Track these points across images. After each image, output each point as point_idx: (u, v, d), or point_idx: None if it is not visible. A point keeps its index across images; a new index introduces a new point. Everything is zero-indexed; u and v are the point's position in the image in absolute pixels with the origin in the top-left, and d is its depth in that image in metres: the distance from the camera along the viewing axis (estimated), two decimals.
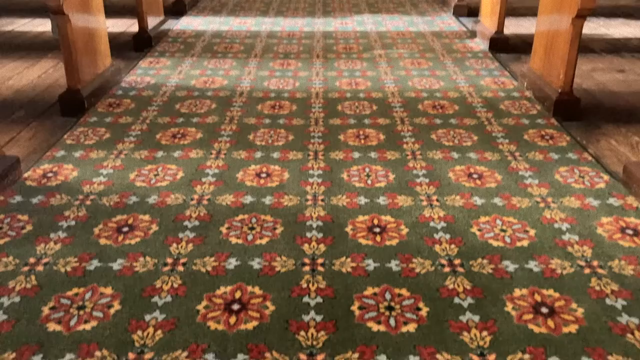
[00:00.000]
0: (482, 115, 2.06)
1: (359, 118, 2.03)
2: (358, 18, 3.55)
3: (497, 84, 2.37)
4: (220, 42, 2.99)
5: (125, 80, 2.40)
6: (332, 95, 2.26)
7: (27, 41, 3.00)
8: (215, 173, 1.63)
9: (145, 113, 2.06)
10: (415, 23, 3.42)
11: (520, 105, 2.15)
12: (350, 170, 1.65)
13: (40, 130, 1.92)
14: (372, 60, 2.71)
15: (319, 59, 2.73)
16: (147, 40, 2.84)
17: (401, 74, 2.50)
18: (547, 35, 2.15)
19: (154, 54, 2.77)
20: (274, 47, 2.93)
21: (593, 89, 2.34)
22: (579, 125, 1.98)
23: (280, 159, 1.72)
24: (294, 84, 2.39)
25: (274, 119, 2.03)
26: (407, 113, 2.08)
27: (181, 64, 2.63)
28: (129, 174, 1.63)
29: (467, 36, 3.12)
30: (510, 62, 2.69)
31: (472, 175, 1.63)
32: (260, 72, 2.54)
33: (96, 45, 2.21)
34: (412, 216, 1.42)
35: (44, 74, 2.48)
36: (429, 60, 2.70)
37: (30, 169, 1.65)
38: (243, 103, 2.17)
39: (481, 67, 2.59)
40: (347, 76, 2.49)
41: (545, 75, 2.17)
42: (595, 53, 2.83)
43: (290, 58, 2.74)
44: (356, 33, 3.19)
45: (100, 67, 2.24)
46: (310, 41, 3.04)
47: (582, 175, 1.62)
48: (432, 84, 2.38)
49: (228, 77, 2.46)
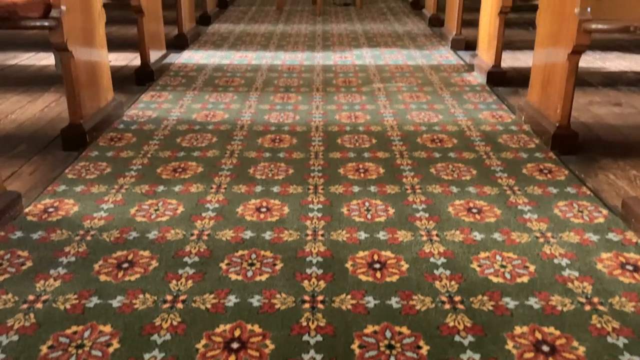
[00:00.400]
0: (481, 149, 2.07)
1: (358, 151, 2.05)
2: (357, 52, 3.60)
3: (495, 118, 2.40)
4: (221, 76, 3.03)
5: (127, 114, 2.43)
6: (331, 128, 2.28)
7: (30, 75, 3.04)
8: (216, 208, 1.64)
9: (146, 147, 2.08)
10: (413, 57, 3.47)
11: (518, 138, 2.17)
12: (350, 204, 1.66)
13: (42, 165, 1.93)
14: (371, 93, 2.74)
15: (319, 93, 2.76)
16: (149, 74, 2.87)
17: (400, 108, 2.53)
18: (544, 69, 2.18)
19: (156, 88, 2.81)
20: (274, 80, 2.97)
21: (590, 123, 2.36)
22: (577, 159, 1.99)
23: (280, 193, 1.73)
24: (294, 117, 2.41)
25: (274, 152, 2.04)
26: (406, 146, 2.09)
27: (183, 97, 2.67)
28: (130, 208, 1.63)
29: (464, 70, 3.17)
30: (508, 96, 2.72)
31: (472, 209, 1.63)
32: (260, 105, 2.57)
33: (99, 80, 2.24)
34: (412, 251, 1.42)
35: (46, 108, 2.50)
36: (427, 93, 2.73)
37: (31, 204, 1.65)
38: (244, 136, 2.19)
39: (479, 101, 2.62)
40: (347, 109, 2.51)
41: (542, 109, 2.20)
42: (592, 86, 2.87)
43: (290, 91, 2.78)
44: (355, 67, 3.24)
45: (102, 101, 2.27)
46: (310, 75, 3.08)
47: (581, 210, 1.63)
48: (431, 117, 2.41)
49: (229, 110, 2.49)
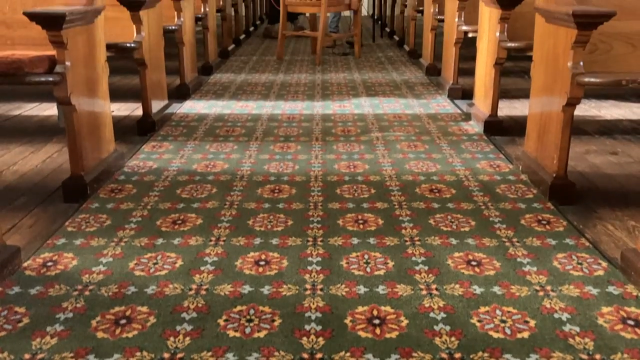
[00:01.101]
0: (479, 199, 2.09)
1: (357, 202, 2.06)
2: (355, 101, 3.66)
3: (493, 167, 2.42)
4: (222, 126, 3.07)
5: (128, 164, 2.45)
6: (330, 178, 2.30)
7: (33, 125, 3.08)
8: (214, 261, 1.64)
9: (146, 199, 2.09)
10: (411, 106, 3.52)
11: (516, 189, 2.18)
12: (349, 257, 1.66)
13: (42, 217, 1.94)
14: (369, 143, 2.78)
15: (318, 142, 2.79)
16: (150, 124, 2.91)
17: (398, 157, 2.55)
18: (540, 120, 2.22)
19: (157, 138, 2.84)
20: (274, 130, 3.00)
21: (587, 172, 2.38)
22: (575, 210, 2.00)
23: (279, 245, 1.73)
24: (294, 167, 2.43)
25: (273, 203, 2.05)
26: (405, 197, 2.11)
27: (183, 147, 2.70)
28: (129, 262, 1.63)
29: (462, 119, 3.21)
30: (506, 145, 2.75)
31: (471, 262, 1.63)
32: (260, 155, 2.59)
33: (101, 132, 2.27)
34: (412, 306, 1.41)
35: (48, 159, 2.53)
36: (425, 143, 2.77)
37: (30, 258, 1.65)
38: (243, 187, 2.21)
39: (477, 150, 2.65)
40: (346, 159, 2.54)
41: (539, 159, 2.22)
42: (588, 134, 2.90)
43: (290, 141, 2.81)
44: (354, 116, 3.29)
45: (104, 152, 2.30)
46: (310, 124, 3.12)
47: (580, 262, 1.63)
48: (429, 167, 2.43)
49: (229, 160, 2.51)
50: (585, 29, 1.86)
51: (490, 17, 2.89)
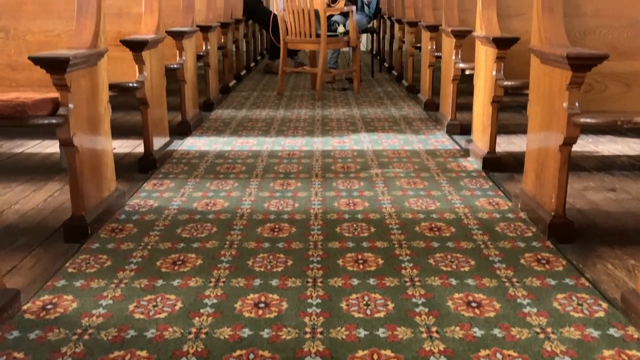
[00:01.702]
0: (479, 237, 2.09)
1: (357, 241, 2.07)
2: (355, 137, 3.69)
3: (492, 205, 2.43)
4: (222, 163, 3.10)
5: (129, 203, 2.47)
6: (330, 216, 2.31)
7: (35, 163, 3.11)
8: (214, 303, 1.63)
9: (147, 238, 2.10)
10: (409, 141, 3.55)
11: (515, 227, 2.19)
12: (349, 298, 1.66)
13: (43, 258, 1.95)
14: (369, 179, 2.79)
15: (318, 179, 2.81)
16: (152, 162, 2.94)
17: (398, 194, 2.57)
18: (537, 159, 2.24)
19: (158, 176, 2.86)
20: (274, 166, 3.03)
21: (586, 209, 2.39)
22: (575, 248, 2.00)
23: (279, 286, 1.73)
24: (294, 204, 2.45)
25: (273, 242, 2.06)
26: (405, 235, 2.11)
27: (184, 185, 2.71)
28: (128, 304, 1.63)
29: (460, 155, 3.24)
30: (504, 181, 2.77)
31: (471, 303, 1.63)
32: (260, 192, 2.61)
33: (102, 171, 2.29)
34: (412, 350, 1.40)
35: (49, 197, 2.54)
36: (425, 179, 2.78)
37: (30, 301, 1.65)
38: (243, 226, 2.21)
39: (475, 187, 2.67)
40: (345, 196, 2.55)
41: (537, 197, 2.24)
42: (586, 171, 2.92)
43: (290, 178, 2.83)
44: (353, 152, 3.31)
45: (105, 192, 2.31)
46: (310, 160, 3.14)
47: (581, 303, 1.62)
48: (428, 204, 2.44)
49: (229, 198, 2.53)
50: (580, 71, 1.90)
51: (486, 56, 2.94)
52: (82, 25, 2.16)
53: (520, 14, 3.09)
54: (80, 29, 2.15)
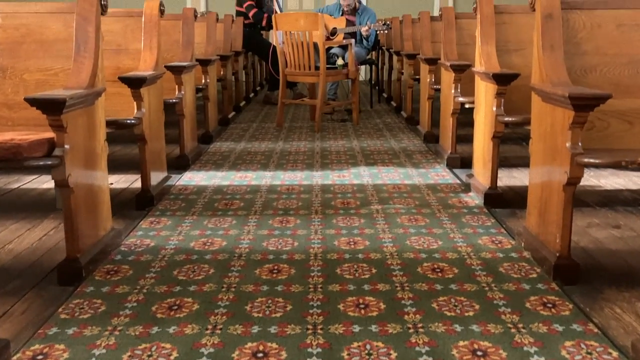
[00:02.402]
0: (482, 279, 2.04)
1: (358, 283, 2.02)
2: (355, 170, 3.66)
3: (495, 244, 2.38)
4: (220, 199, 3.06)
5: (125, 243, 2.42)
6: (330, 256, 2.27)
7: (31, 199, 3.07)
8: (210, 352, 1.58)
9: (142, 281, 2.05)
10: (410, 175, 3.52)
11: (519, 267, 2.14)
12: (350, 347, 1.60)
13: (35, 302, 1.89)
14: (369, 216, 2.75)
15: (318, 215, 2.77)
16: (149, 199, 2.90)
17: (399, 232, 2.52)
18: (540, 197, 2.21)
19: (155, 213, 2.82)
20: (273, 202, 2.99)
21: (591, 248, 2.34)
22: (581, 291, 1.95)
23: (277, 334, 1.68)
24: (293, 243, 2.40)
25: (272, 285, 2.01)
26: (407, 277, 2.06)
27: (182, 223, 2.67)
28: (122, 354, 1.57)
29: (461, 190, 3.20)
30: (506, 218, 2.73)
31: (477, 352, 1.57)
32: (259, 230, 2.56)
33: (98, 211, 2.25)
34: None
35: (45, 236, 2.50)
36: (426, 216, 2.74)
37: (20, 351, 1.59)
38: (241, 267, 2.17)
39: (477, 224, 2.63)
40: (346, 234, 2.51)
41: (541, 237, 2.19)
42: (589, 206, 2.89)
43: (289, 214, 2.79)
44: (353, 187, 3.28)
45: (101, 231, 2.27)
46: (309, 195, 3.11)
47: (590, 352, 1.57)
48: (430, 243, 2.40)
49: (227, 237, 2.48)
50: (583, 111, 1.88)
51: (486, 91, 2.93)
52: (79, 64, 2.15)
53: (519, 49, 3.09)
54: (77, 68, 2.14)
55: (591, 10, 2.22)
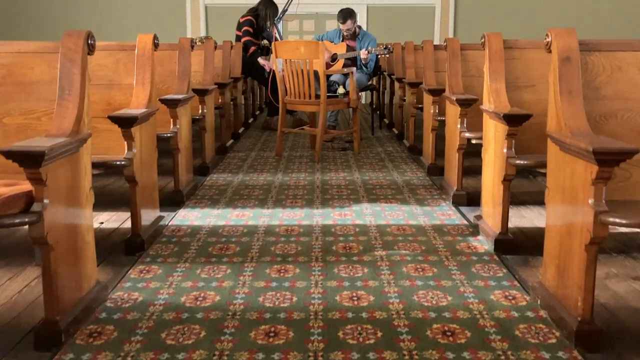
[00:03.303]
0: (498, 345, 1.88)
1: (362, 350, 1.85)
2: (357, 207, 3.50)
3: (509, 300, 2.22)
4: (215, 242, 2.89)
5: (112, 297, 2.25)
6: (332, 315, 2.10)
7: (15, 241, 2.91)
8: None
9: (127, 346, 1.88)
10: (414, 214, 3.36)
11: (537, 330, 1.97)
12: None
13: None
14: (373, 264, 2.59)
15: (318, 263, 2.61)
16: (139, 244, 2.74)
17: (405, 285, 2.36)
18: (559, 254, 2.04)
19: (146, 260, 2.65)
20: (271, 246, 2.82)
21: (611, 305, 2.18)
22: (605, 359, 1.79)
23: None
24: (292, 299, 2.24)
25: (268, 352, 1.84)
26: (415, 342, 1.89)
27: (173, 272, 2.50)
28: None
29: (469, 232, 3.04)
30: (519, 266, 2.57)
31: None
32: (255, 282, 2.40)
33: (82, 267, 2.09)
34: None
35: (25, 288, 2.33)
36: (433, 265, 2.58)
37: None
38: (235, 329, 2.00)
39: (489, 275, 2.46)
40: (348, 287, 2.34)
41: (560, 295, 2.03)
42: (605, 253, 2.72)
43: (287, 262, 2.62)
44: (355, 228, 3.12)
45: (84, 288, 2.10)
46: (309, 238, 2.94)
47: None
48: (440, 299, 2.23)
49: (221, 290, 2.32)
50: (607, 166, 1.72)
51: (496, 131, 2.78)
52: (63, 108, 2.00)
53: (530, 85, 2.95)
54: (61, 114, 1.99)
55: (612, 52, 2.09)
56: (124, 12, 9.96)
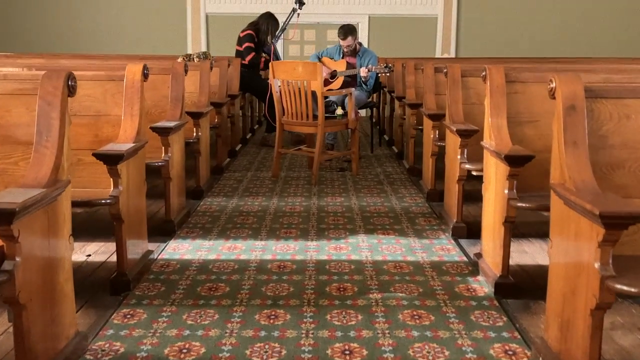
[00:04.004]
0: None
1: None
2: (353, 240, 3.39)
3: (509, 355, 2.11)
4: (205, 280, 2.79)
5: (92, 347, 2.15)
6: None
7: None
8: None
9: None
10: (412, 248, 3.25)
11: None
12: None
13: None
14: (367, 310, 2.48)
15: (310, 308, 2.50)
16: (125, 284, 2.63)
17: (400, 336, 2.25)
18: (562, 313, 1.93)
19: (131, 302, 2.54)
20: (262, 286, 2.72)
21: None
22: None
23: None
24: (280, 352, 2.13)
25: None
26: None
27: (158, 318, 2.39)
28: None
29: (469, 271, 2.93)
30: (520, 314, 2.45)
31: None
32: (243, 330, 2.29)
33: (60, 321, 1.98)
34: None
35: (2, 335, 2.23)
36: (431, 311, 2.47)
37: None
38: None
39: (488, 324, 2.35)
40: (341, 338, 2.24)
41: (563, 357, 1.92)
42: None
43: (278, 305, 2.51)
44: (351, 265, 3.01)
45: (62, 341, 2.00)
46: (302, 277, 2.83)
47: None
48: (436, 353, 2.12)
49: (207, 340, 2.21)
50: (615, 229, 1.62)
51: (497, 170, 2.68)
52: (40, 155, 1.90)
53: (532, 120, 2.84)
54: (38, 161, 1.89)
55: (619, 99, 1.98)
56: (123, 21, 9.88)
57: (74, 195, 2.22)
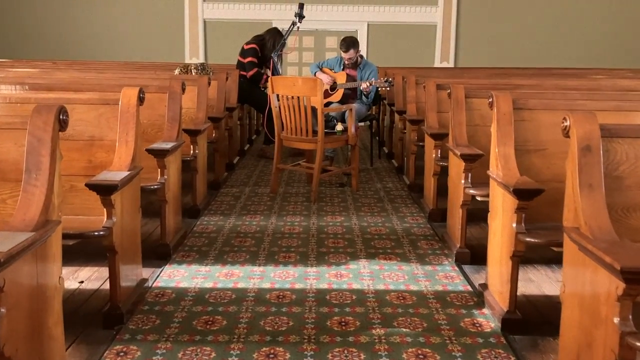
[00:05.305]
0: None
1: None
2: (354, 266, 3.30)
3: None
4: (201, 312, 2.69)
5: None
6: None
7: None
8: None
9: None
10: (415, 276, 3.16)
11: None
12: None
13: None
14: (370, 349, 2.39)
15: (310, 345, 2.40)
16: (118, 317, 2.53)
17: None
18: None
19: (124, 337, 2.45)
20: (260, 320, 2.62)
21: None
22: None
23: None
24: None
25: None
26: None
27: (152, 356, 2.29)
28: None
29: (474, 302, 2.84)
30: (527, 352, 2.37)
31: None
32: None
33: None
34: None
35: None
36: (436, 349, 2.38)
37: None
38: None
39: None
40: None
41: None
42: None
43: (277, 342, 2.42)
44: (352, 295, 2.91)
45: None
46: (302, 309, 2.74)
47: None
48: None
49: None
50: (637, 285, 1.53)
51: (504, 201, 2.59)
52: (29, 195, 1.80)
53: (540, 149, 2.76)
54: (26, 201, 1.79)
55: (635, 139, 1.90)
56: (121, 27, 9.79)
57: (66, 226, 2.12)
